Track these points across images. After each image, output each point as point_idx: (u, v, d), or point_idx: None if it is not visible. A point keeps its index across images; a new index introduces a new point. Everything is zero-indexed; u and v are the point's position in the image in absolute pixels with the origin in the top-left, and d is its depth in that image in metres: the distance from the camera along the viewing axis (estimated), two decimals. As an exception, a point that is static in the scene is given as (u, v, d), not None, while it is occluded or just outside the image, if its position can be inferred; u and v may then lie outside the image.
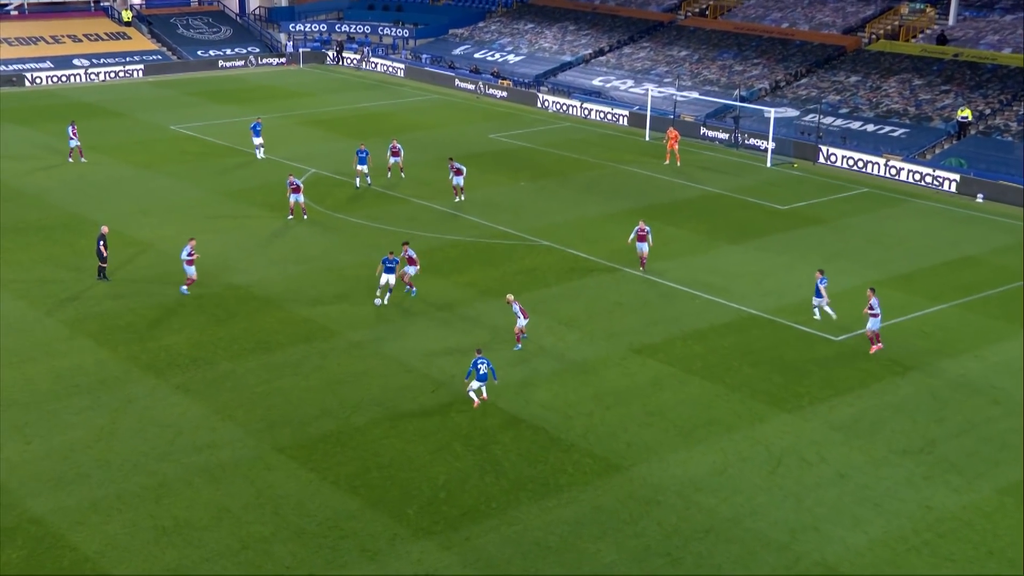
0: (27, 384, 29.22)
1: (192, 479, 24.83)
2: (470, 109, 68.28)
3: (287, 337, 32.72)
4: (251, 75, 79.29)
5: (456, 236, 42.39)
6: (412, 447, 26.49)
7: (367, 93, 72.92)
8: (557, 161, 55.14)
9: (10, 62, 75.28)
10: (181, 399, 28.69)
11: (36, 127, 60.15)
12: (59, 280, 36.74)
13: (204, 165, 52.48)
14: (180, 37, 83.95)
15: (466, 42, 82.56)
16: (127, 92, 71.41)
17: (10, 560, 21.75)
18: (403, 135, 59.53)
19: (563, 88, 70.92)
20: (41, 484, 24.42)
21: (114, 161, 52.98)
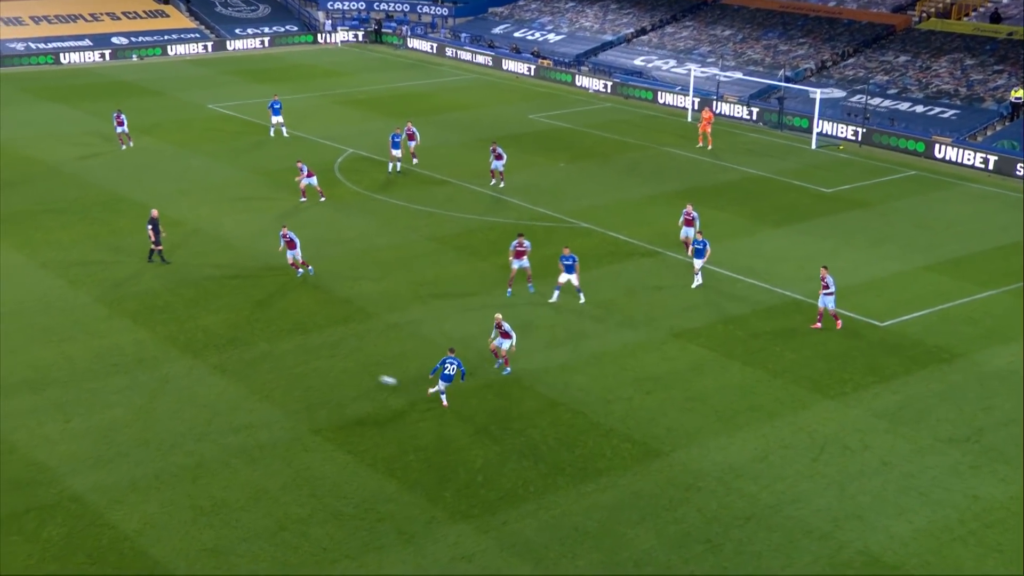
0: (67, 363, 29.66)
1: (230, 460, 25.14)
2: (510, 89, 68.24)
3: (324, 318, 32.97)
4: (288, 54, 79.63)
5: (495, 218, 42.47)
6: (449, 430, 26.65)
7: (405, 73, 73.04)
8: (598, 142, 55.05)
9: (49, 40, 76.10)
10: (219, 379, 29.02)
11: (74, 106, 60.79)
12: (98, 260, 37.19)
13: (241, 144, 52.85)
14: (218, 15, 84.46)
15: (506, 21, 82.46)
16: (165, 70, 71.96)
17: (51, 537, 22.16)
18: (441, 115, 59.68)
19: (604, 68, 70.71)
20: (81, 462, 24.83)
21: (152, 140, 53.47)
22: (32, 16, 78.60)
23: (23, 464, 24.64)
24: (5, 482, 23.94)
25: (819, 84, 61.25)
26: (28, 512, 22.90)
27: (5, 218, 41.04)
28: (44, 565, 21.32)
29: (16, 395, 27.78)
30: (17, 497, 23.41)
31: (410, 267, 36.86)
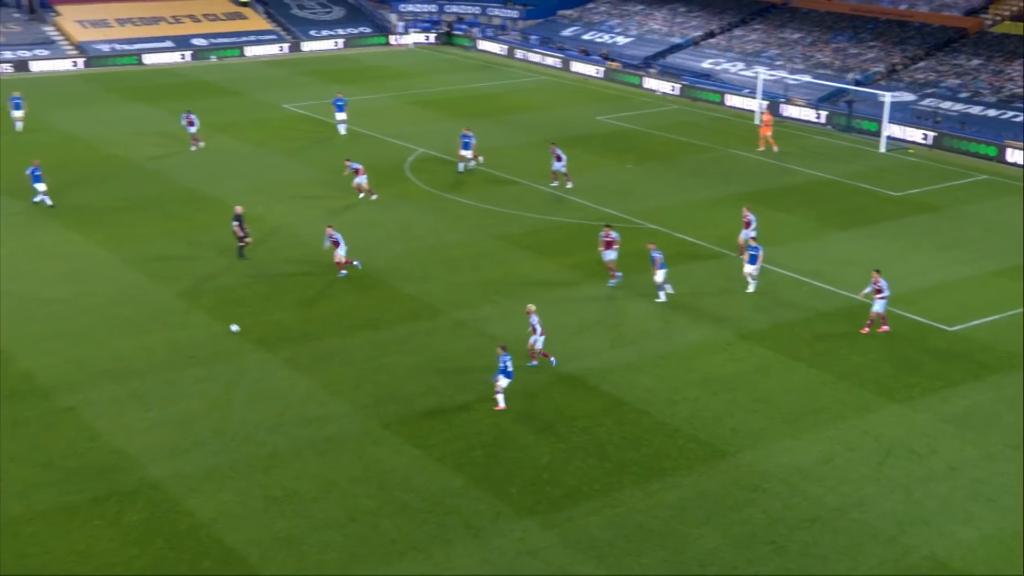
0: (146, 354, 30.17)
1: (301, 451, 25.39)
2: (579, 91, 68.12)
3: (393, 315, 33.17)
4: (361, 55, 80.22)
5: (562, 218, 42.42)
6: (515, 427, 26.67)
7: (475, 74, 73.23)
8: (665, 144, 54.74)
9: (133, 41, 77.47)
10: (291, 373, 29.32)
11: (156, 105, 61.80)
12: (177, 255, 37.78)
13: (315, 143, 53.35)
14: (294, 17, 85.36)
15: (575, 23, 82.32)
16: (243, 71, 72.87)
17: (131, 522, 22.56)
18: (510, 116, 59.76)
19: (671, 70, 70.31)
20: (159, 451, 25.24)
21: (230, 139, 54.19)
22: (117, 18, 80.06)
23: (105, 451, 25.12)
24: (88, 468, 24.42)
25: (889, 87, 60.34)
26: (110, 497, 23.34)
27: (90, 214, 41.84)
28: (125, 549, 21.71)
29: (99, 385, 28.32)
30: (100, 483, 23.86)
31: (478, 265, 36.93)
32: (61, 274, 35.72)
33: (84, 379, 28.58)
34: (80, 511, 22.84)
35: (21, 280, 35.12)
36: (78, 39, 76.57)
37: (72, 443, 25.46)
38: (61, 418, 26.58)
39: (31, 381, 28.38)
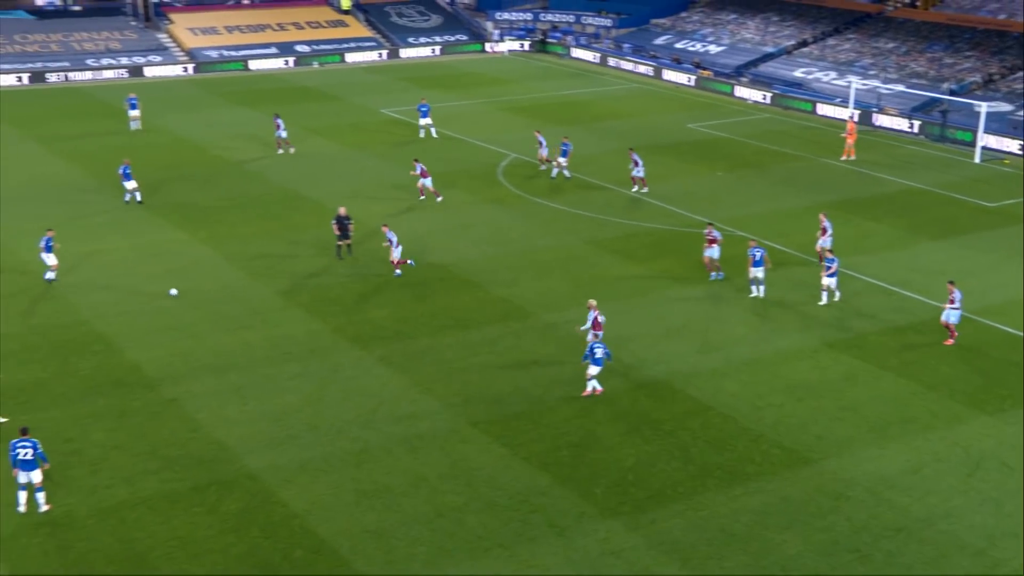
0: (246, 349, 30.77)
1: (392, 447, 25.66)
2: (670, 99, 67.71)
3: (484, 316, 33.34)
4: (457, 62, 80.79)
5: (651, 224, 42.22)
6: (602, 428, 26.62)
7: (568, 81, 73.23)
8: (755, 152, 54.13)
9: (240, 48, 79.11)
10: (384, 371, 29.65)
11: (259, 109, 62.97)
12: (276, 253, 38.47)
13: (410, 148, 53.81)
14: (393, 25, 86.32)
15: (668, 32, 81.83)
16: (343, 77, 73.89)
17: (229, 511, 23.04)
18: (601, 123, 59.65)
19: (763, 79, 69.50)
20: (257, 443, 25.72)
21: (328, 142, 54.99)
22: (226, 26, 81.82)
23: (206, 442, 25.69)
24: (190, 458, 24.99)
25: (985, 97, 58.83)
26: (210, 486, 23.86)
27: (195, 213, 42.82)
28: (222, 536, 22.18)
29: (201, 378, 28.96)
30: (200, 472, 24.41)
31: (568, 269, 36.93)
32: (167, 271, 36.62)
33: (187, 372, 29.27)
34: (181, 498, 23.40)
35: (130, 276, 36.09)
36: (189, 46, 78.41)
37: (175, 433, 26.09)
38: (165, 409, 27.25)
39: (138, 373, 29.15)
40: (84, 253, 38.06)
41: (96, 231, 40.46)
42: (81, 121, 59.41)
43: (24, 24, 76.92)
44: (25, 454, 22.55)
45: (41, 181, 46.68)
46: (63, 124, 58.51)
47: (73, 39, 76.18)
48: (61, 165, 49.78)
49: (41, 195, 44.87)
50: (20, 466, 22.55)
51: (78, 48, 75.28)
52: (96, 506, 23.01)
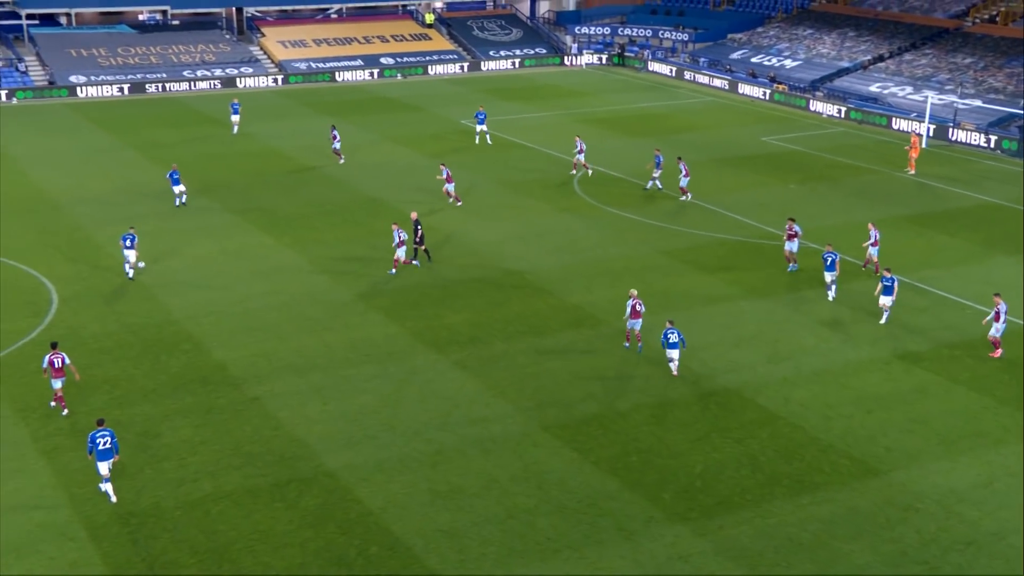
0: (327, 351, 31.08)
1: (466, 449, 25.70)
2: (745, 112, 67.03)
3: (557, 323, 33.27)
4: (536, 74, 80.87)
5: (723, 234, 41.79)
6: (671, 435, 26.38)
7: (645, 94, 72.89)
8: (829, 165, 53.31)
9: (327, 60, 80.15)
10: (459, 374, 29.73)
11: (345, 118, 63.65)
12: (357, 258, 38.82)
13: (489, 157, 54.01)
14: (475, 38, 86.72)
15: (744, 47, 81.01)
16: (425, 88, 74.41)
17: (308, 507, 23.27)
18: (677, 136, 59.27)
19: (838, 93, 68.44)
20: (335, 442, 25.95)
21: (410, 151, 55.39)
22: (314, 39, 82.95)
23: (287, 440, 25.98)
24: (271, 454, 25.30)
25: (1062, 112, 57.23)
26: (290, 483, 24.12)
27: (282, 219, 43.41)
28: (301, 531, 22.41)
29: (284, 378, 29.32)
30: (281, 469, 24.69)
31: (640, 278, 36.72)
32: (253, 273, 37.17)
33: (270, 372, 29.65)
34: (262, 493, 23.69)
35: (218, 278, 36.70)
36: (279, 58, 79.62)
37: (257, 430, 26.44)
38: (248, 407, 27.63)
39: (224, 372, 29.61)
40: (176, 256, 38.80)
41: (187, 235, 41.23)
42: (176, 130, 60.63)
43: (127, 38, 78.80)
44: (104, 443, 23.18)
45: (137, 187, 47.72)
46: (159, 132, 59.77)
47: (171, 52, 77.82)
48: (156, 172, 50.82)
49: (137, 200, 45.85)
50: (99, 456, 23.12)
51: (175, 60, 76.87)
52: (183, 499, 23.41)
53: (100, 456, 23.18)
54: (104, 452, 23.17)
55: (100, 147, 55.94)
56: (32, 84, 71.38)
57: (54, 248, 39.38)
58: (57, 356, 26.65)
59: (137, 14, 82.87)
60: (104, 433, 23.29)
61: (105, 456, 23.19)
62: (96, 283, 35.91)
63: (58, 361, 26.56)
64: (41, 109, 66.61)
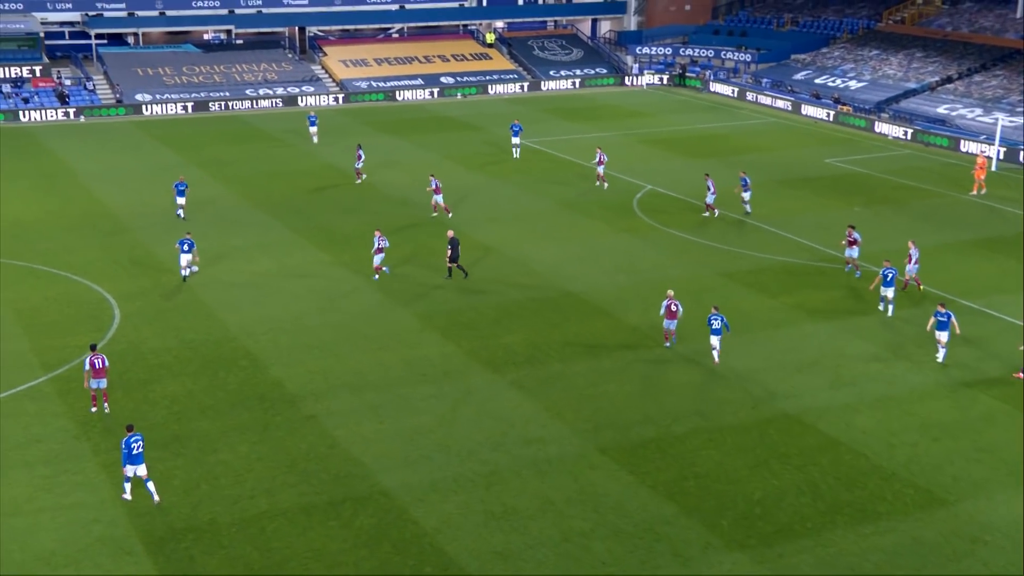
0: (383, 369, 31.23)
1: (521, 470, 25.63)
2: (808, 133, 66.44)
3: (615, 343, 33.13)
4: (597, 94, 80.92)
5: (786, 257, 41.38)
6: (729, 460, 26.09)
7: (706, 115, 72.58)
8: (894, 188, 52.61)
9: (387, 79, 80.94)
10: (515, 395, 29.69)
11: (405, 137, 64.19)
12: (414, 276, 39.00)
13: (549, 177, 54.06)
14: (535, 58, 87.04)
15: (808, 67, 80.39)
16: (485, 108, 74.77)
17: (363, 526, 23.33)
18: (738, 157, 58.91)
19: (904, 115, 67.58)
20: (390, 461, 26.02)
21: (468, 170, 55.64)
22: (375, 58, 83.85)
23: (342, 459, 26.11)
24: (327, 473, 25.43)
25: None
26: (344, 502, 24.21)
27: (341, 237, 43.78)
28: (355, 550, 22.46)
29: (340, 396, 29.49)
30: (336, 488, 24.80)
31: (700, 300, 36.44)
32: (311, 291, 37.50)
33: (327, 390, 29.84)
34: (317, 512, 23.81)
35: (277, 296, 37.08)
36: (340, 77, 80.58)
37: (313, 448, 26.60)
38: (304, 424, 27.83)
39: (281, 389, 29.87)
40: (235, 273, 39.28)
41: (247, 252, 41.74)
42: (238, 147, 61.55)
43: (191, 57, 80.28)
44: (137, 448, 23.85)
45: (199, 204, 48.42)
46: (221, 150, 60.71)
47: (234, 70, 79.10)
48: (218, 188, 51.61)
49: (200, 217, 46.52)
50: (132, 460, 23.80)
51: (238, 79, 78.11)
52: (238, 515, 23.60)
53: (133, 460, 23.85)
54: (137, 456, 23.86)
55: (163, 164, 56.93)
56: (100, 102, 72.94)
57: (117, 264, 40.08)
58: (97, 357, 27.83)
59: (202, 33, 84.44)
60: (137, 438, 24.00)
61: (137, 460, 23.87)
62: (157, 299, 36.47)
63: (98, 362, 27.77)
64: (107, 127, 68.02)
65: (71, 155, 59.23)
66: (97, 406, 28.20)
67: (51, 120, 69.93)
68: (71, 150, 60.53)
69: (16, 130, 66.72)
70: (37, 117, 69.85)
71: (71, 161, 57.75)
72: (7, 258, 40.46)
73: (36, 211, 47.48)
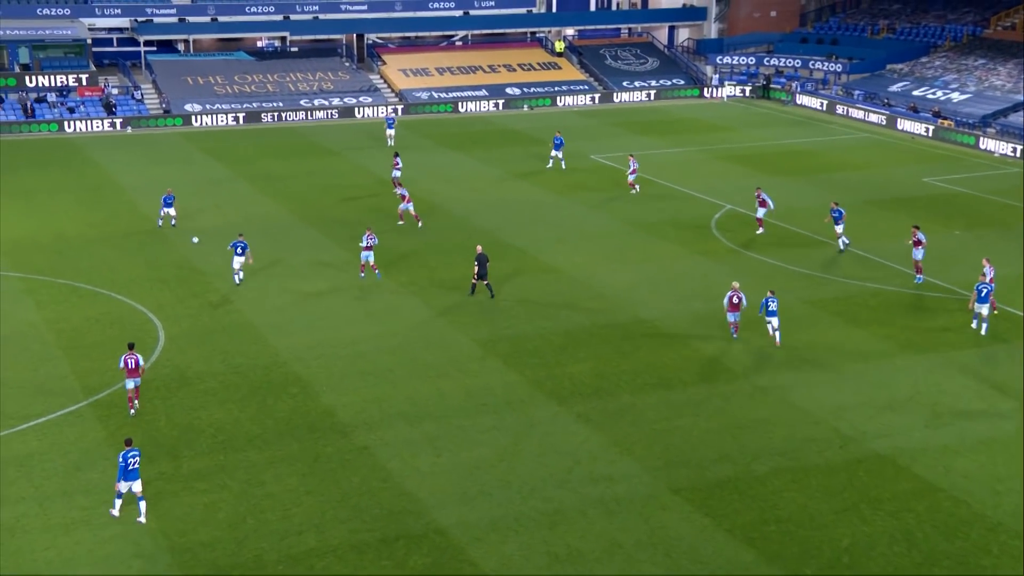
0: (440, 398, 31.37)
1: (587, 509, 25.55)
2: (904, 150, 65.71)
3: (689, 375, 32.95)
4: (673, 107, 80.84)
5: (878, 284, 40.88)
6: (815, 503, 25.77)
7: (792, 129, 72.13)
8: (1000, 210, 51.78)
9: (450, 90, 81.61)
10: (581, 428, 29.64)
11: (467, 152, 64.65)
12: (476, 302, 39.16)
13: (618, 196, 54.03)
14: (607, 68, 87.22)
15: (905, 78, 79.55)
16: (553, 120, 75.01)
17: (416, 566, 23.40)
18: (826, 175, 58.47)
19: (1014, 130, 66.51)
20: (447, 497, 26.08)
21: (533, 187, 55.84)
22: (437, 67, 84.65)
23: (396, 493, 26.23)
24: (379, 508, 25.56)
25: None
26: (398, 540, 24.31)
27: (398, 257, 44.13)
28: (406, 592, 22.56)
29: (394, 426, 29.67)
30: (389, 524, 24.92)
31: (783, 329, 36.12)
32: (365, 314, 37.84)
33: (381, 419, 30.05)
34: (369, 549, 23.93)
35: (329, 318, 37.46)
36: (400, 87, 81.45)
37: (365, 481, 26.77)
38: (357, 456, 28.03)
39: (332, 417, 30.13)
40: (286, 293, 39.77)
41: (299, 271, 42.27)
42: (291, 161, 62.45)
43: (244, 65, 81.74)
44: (134, 463, 24.82)
45: (250, 220, 49.15)
46: (274, 164, 61.64)
47: (288, 79, 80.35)
48: (269, 204, 52.37)
49: (249, 234, 47.12)
50: (127, 476, 24.74)
51: (292, 89, 79.33)
52: (285, 552, 23.80)
53: (128, 476, 24.76)
54: (132, 472, 24.75)
55: (212, 178, 57.95)
56: (147, 112, 74.52)
57: (162, 283, 40.81)
58: (132, 357, 29.83)
59: (255, 41, 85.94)
60: (134, 452, 24.93)
61: (132, 476, 24.75)
62: (204, 320, 37.05)
63: (132, 362, 29.77)
64: (155, 139, 69.46)
65: (117, 168, 60.55)
66: (133, 407, 30.04)
67: (97, 131, 71.61)
68: (117, 162, 61.90)
69: (61, 141, 68.44)
70: (82, 128, 71.58)
71: (117, 174, 59.03)
72: (49, 276, 41.42)
73: (79, 226, 48.58)
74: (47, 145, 67.02)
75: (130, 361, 29.70)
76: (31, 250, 44.76)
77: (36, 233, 47.41)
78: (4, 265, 42.72)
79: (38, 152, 64.74)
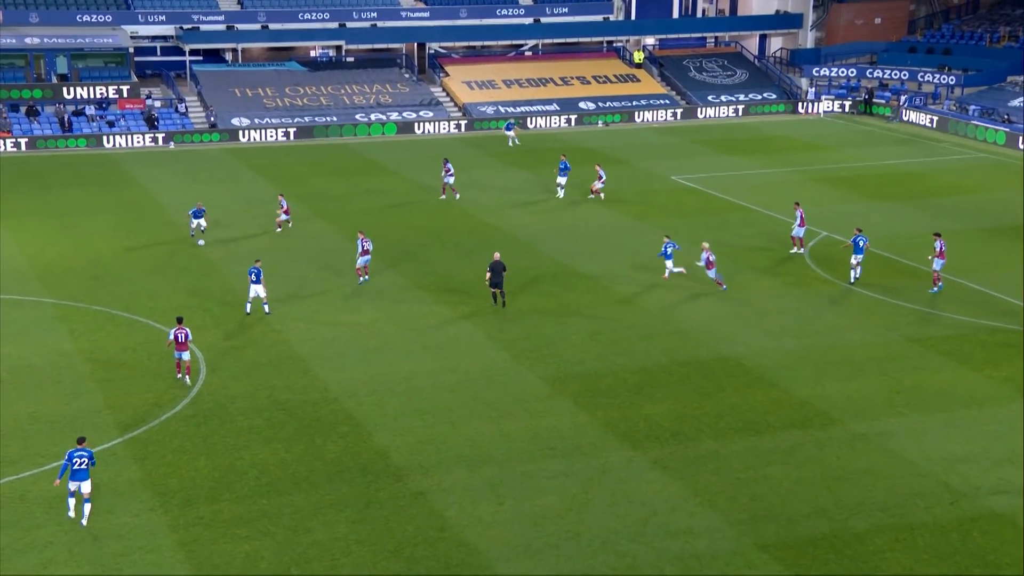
0: (504, 441, 31.41)
1: (664, 566, 25.40)
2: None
3: (779, 420, 32.68)
4: (763, 123, 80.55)
5: (994, 322, 40.30)
6: (922, 566, 25.37)
7: (897, 149, 71.55)
8: None
9: (518, 103, 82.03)
10: (658, 476, 29.50)
11: (533, 170, 64.89)
12: (543, 334, 39.21)
13: (703, 220, 53.90)
14: (691, 80, 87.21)
15: None
16: (630, 138, 75.14)
17: (472, 624, 23.44)
18: (937, 199, 57.88)
19: None
20: (510, 549, 26.07)
21: (608, 210, 55.88)
22: (504, 80, 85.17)
23: (454, 544, 26.27)
24: (436, 560, 25.60)
25: None
26: (453, 594, 24.37)
27: (460, 285, 44.37)
28: (463, 653, 22.55)
29: (453, 470, 29.76)
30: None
31: (885, 370, 35.72)
32: (423, 347, 38.05)
33: (438, 462, 30.15)
34: (423, 605, 24.00)
35: (383, 351, 37.72)
36: (463, 100, 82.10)
37: (421, 530, 26.85)
38: (412, 502, 28.13)
39: (385, 459, 30.30)
40: (337, 324, 40.14)
41: (351, 300, 42.66)
42: (345, 180, 63.18)
43: (296, 76, 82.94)
44: (80, 463, 26.63)
45: (300, 245, 49.71)
46: (327, 183, 62.39)
47: (343, 92, 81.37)
48: (320, 225, 52.95)
49: (298, 259, 47.77)
50: (73, 475, 26.57)
51: (347, 102, 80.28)
52: (331, 605, 23.94)
53: (75, 476, 26.62)
54: (80, 472, 26.49)
55: (261, 198, 58.76)
56: (191, 127, 75.84)
57: (204, 311, 41.40)
58: (182, 331, 34.40)
59: (309, 50, 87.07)
60: (83, 453, 26.62)
61: (81, 476, 26.57)
62: (248, 352, 37.50)
63: (181, 335, 34.29)
64: (199, 155, 70.69)
65: (158, 186, 61.67)
66: (181, 373, 34.68)
67: (138, 146, 73.08)
68: (159, 180, 63.04)
69: (99, 157, 69.91)
70: (122, 143, 73.08)
71: (158, 193, 60.11)
72: (84, 302, 42.22)
73: (117, 249, 49.50)
74: (84, 161, 68.49)
75: (180, 335, 34.16)
76: (65, 274, 45.69)
77: (71, 256, 48.40)
78: (37, 290, 43.66)
79: (75, 169, 66.20)
